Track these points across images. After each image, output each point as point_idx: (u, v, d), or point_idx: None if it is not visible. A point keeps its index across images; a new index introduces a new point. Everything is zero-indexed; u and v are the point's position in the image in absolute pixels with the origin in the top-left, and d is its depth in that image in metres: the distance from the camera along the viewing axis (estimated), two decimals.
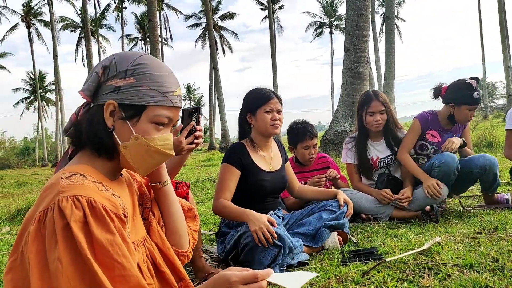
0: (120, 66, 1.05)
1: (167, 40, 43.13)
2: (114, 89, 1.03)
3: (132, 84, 1.04)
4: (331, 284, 1.79)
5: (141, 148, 1.05)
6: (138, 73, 1.05)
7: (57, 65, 30.18)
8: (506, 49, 24.24)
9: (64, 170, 1.01)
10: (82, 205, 0.90)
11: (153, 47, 16.18)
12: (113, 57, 1.07)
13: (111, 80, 1.04)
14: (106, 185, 1.02)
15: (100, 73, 1.04)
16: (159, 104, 1.05)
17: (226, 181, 2.34)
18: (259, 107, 2.40)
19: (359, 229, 2.79)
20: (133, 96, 1.03)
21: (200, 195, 5.41)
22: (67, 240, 0.86)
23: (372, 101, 3.10)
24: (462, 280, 1.66)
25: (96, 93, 1.05)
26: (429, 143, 3.18)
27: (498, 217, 2.74)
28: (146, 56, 1.09)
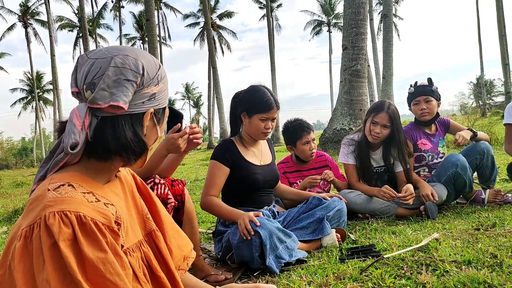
0: (151, 72, 1.04)
1: (166, 39, 43.09)
2: (150, 96, 1.03)
3: (162, 89, 1.07)
4: (329, 282, 1.78)
5: (155, 147, 1.12)
6: (162, 77, 1.07)
7: (55, 64, 30.14)
8: (504, 47, 24.29)
9: (52, 178, 0.96)
10: (70, 221, 0.86)
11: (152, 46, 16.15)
12: (141, 62, 1.01)
13: (146, 88, 1.02)
14: (97, 194, 0.97)
15: (138, 82, 0.99)
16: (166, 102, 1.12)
17: (214, 178, 2.34)
18: (257, 113, 2.37)
19: (358, 226, 2.79)
20: (163, 101, 1.07)
21: (199, 194, 5.40)
22: (55, 260, 0.83)
23: (381, 112, 3.01)
24: (460, 276, 1.65)
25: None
26: (425, 152, 3.23)
27: (496, 213, 2.74)
28: (154, 57, 1.10)
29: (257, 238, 2.03)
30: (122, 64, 0.98)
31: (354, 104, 8.84)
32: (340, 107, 9.07)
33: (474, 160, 3.09)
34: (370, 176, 3.13)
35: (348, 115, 8.88)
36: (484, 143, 3.15)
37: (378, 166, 3.17)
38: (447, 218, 2.80)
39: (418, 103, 3.20)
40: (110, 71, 0.96)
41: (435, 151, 3.23)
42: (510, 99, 22.51)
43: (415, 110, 3.24)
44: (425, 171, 3.25)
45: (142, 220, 1.17)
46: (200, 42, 41.44)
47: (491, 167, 3.12)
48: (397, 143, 3.03)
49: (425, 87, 3.20)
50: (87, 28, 24.55)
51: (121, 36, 38.74)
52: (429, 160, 3.22)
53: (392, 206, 2.96)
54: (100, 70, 0.97)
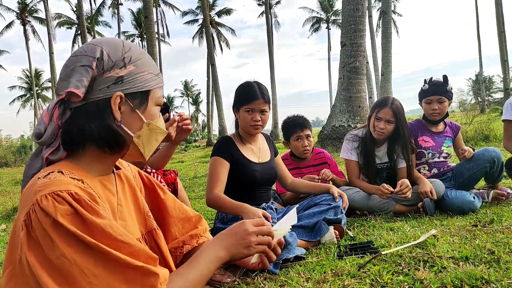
0: (115, 55, 1.00)
1: (164, 36, 43.00)
2: (116, 80, 0.99)
3: (134, 72, 1.02)
4: (327, 278, 1.79)
5: (151, 133, 1.06)
6: (134, 59, 1.03)
7: (53, 62, 30.05)
8: (503, 43, 24.28)
9: (42, 171, 0.97)
10: (64, 199, 0.87)
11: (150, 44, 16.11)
12: (101, 47, 1.00)
13: (109, 71, 0.98)
14: (86, 183, 0.97)
15: (94, 66, 0.97)
16: (157, 86, 1.07)
17: (217, 173, 2.34)
18: (242, 105, 2.40)
19: (356, 223, 2.79)
20: (138, 83, 1.02)
21: (198, 191, 5.40)
22: (62, 235, 0.84)
23: (385, 107, 2.99)
24: (458, 272, 1.65)
25: (89, 88, 0.98)
26: (425, 149, 3.21)
27: (494, 209, 2.74)
28: (128, 42, 1.07)
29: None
30: (79, 52, 1.00)
31: (353, 101, 8.84)
32: (338, 104, 9.07)
33: (483, 168, 3.02)
34: (373, 173, 3.13)
35: (346, 112, 8.88)
36: (494, 150, 3.06)
37: (381, 162, 3.16)
38: (445, 215, 2.80)
39: (430, 102, 3.14)
40: (68, 61, 1.00)
41: (437, 150, 3.21)
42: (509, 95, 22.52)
43: (426, 108, 3.19)
44: (425, 169, 3.24)
45: (143, 219, 1.17)
46: (199, 39, 41.41)
47: (500, 170, 3.07)
48: (401, 138, 3.02)
49: (439, 87, 3.12)
50: (85, 26, 24.47)
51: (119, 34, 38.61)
52: (429, 158, 3.21)
53: (390, 203, 2.96)
54: (65, 63, 1.01)
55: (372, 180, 3.10)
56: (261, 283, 1.85)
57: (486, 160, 3.02)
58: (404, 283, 1.65)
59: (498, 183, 3.19)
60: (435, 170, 3.23)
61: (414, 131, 3.24)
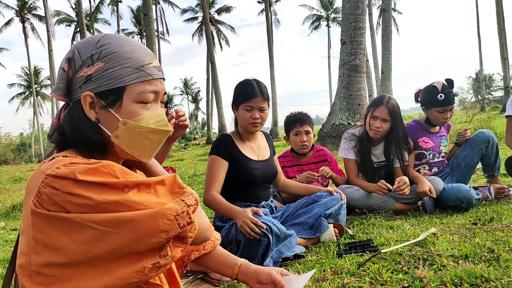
0: (84, 53, 0.96)
1: (164, 34, 42.93)
2: (86, 79, 0.95)
3: (102, 68, 0.95)
4: (327, 276, 1.78)
5: (134, 132, 0.98)
6: (105, 55, 0.96)
7: (53, 59, 29.99)
8: (503, 41, 24.26)
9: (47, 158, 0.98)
10: (78, 163, 0.87)
11: (149, 41, 16.08)
12: (75, 47, 0.99)
13: (79, 71, 0.96)
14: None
15: (66, 68, 0.97)
16: (138, 81, 0.98)
17: (215, 173, 2.34)
18: (241, 103, 2.38)
19: (355, 221, 2.79)
20: (107, 81, 0.95)
21: (197, 189, 5.40)
22: (91, 188, 0.84)
23: (380, 106, 2.98)
24: (457, 270, 1.65)
25: (70, 90, 0.97)
26: (426, 150, 3.21)
27: (494, 208, 2.74)
28: (108, 36, 1.00)
29: (265, 239, 2.03)
30: (66, 54, 1.01)
31: (353, 99, 8.83)
32: (338, 102, 9.06)
33: (479, 151, 3.09)
34: (371, 172, 3.12)
35: (346, 110, 8.87)
36: (488, 131, 3.16)
37: (378, 161, 3.16)
38: (445, 213, 2.80)
39: (444, 111, 3.11)
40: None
41: (437, 150, 3.22)
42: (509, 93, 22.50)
43: (438, 117, 3.13)
44: (425, 169, 3.24)
45: None
46: (198, 37, 41.34)
47: (496, 155, 3.12)
48: (395, 137, 3.02)
49: (452, 95, 3.09)
50: (84, 23, 24.44)
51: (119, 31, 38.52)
52: (430, 159, 3.21)
53: (389, 201, 2.96)
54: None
55: (370, 178, 3.10)
56: None
57: (480, 141, 3.09)
58: (404, 281, 1.65)
59: (497, 177, 3.19)
60: (435, 169, 3.24)
61: (414, 133, 3.23)
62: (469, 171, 3.17)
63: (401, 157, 3.03)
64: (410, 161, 3.12)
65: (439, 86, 3.10)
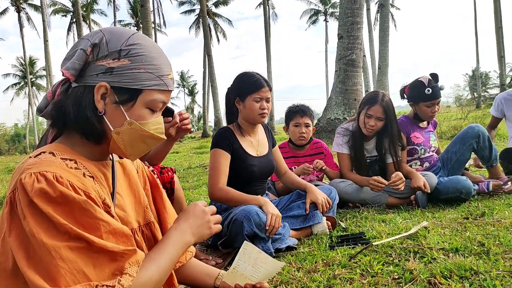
0: (113, 45, 0.97)
1: (161, 26, 42.63)
2: (106, 70, 0.95)
3: (127, 66, 0.96)
4: (318, 268, 1.80)
5: (135, 134, 1.00)
6: (133, 54, 0.97)
7: (48, 50, 29.74)
8: (500, 38, 24.29)
9: (36, 150, 0.97)
10: (46, 179, 0.86)
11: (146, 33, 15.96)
12: (103, 34, 0.98)
13: (102, 60, 0.96)
14: (80, 163, 0.97)
15: (89, 51, 0.96)
16: (155, 88, 1.00)
17: (220, 166, 2.31)
18: (249, 94, 2.35)
19: (348, 214, 2.80)
20: (128, 79, 0.96)
21: (192, 181, 5.40)
22: (34, 215, 0.83)
23: (375, 104, 2.97)
24: (447, 263, 1.67)
25: (82, 72, 0.97)
26: (417, 146, 3.24)
27: (486, 203, 2.76)
28: (139, 35, 1.01)
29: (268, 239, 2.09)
30: (86, 35, 1.01)
31: (349, 94, 8.83)
32: (334, 96, 9.06)
33: (470, 146, 3.12)
34: (363, 166, 3.13)
35: (342, 104, 8.88)
36: (477, 125, 3.18)
37: (370, 156, 3.17)
38: (437, 207, 2.82)
39: (432, 105, 3.13)
40: (76, 42, 1.01)
41: (427, 145, 3.25)
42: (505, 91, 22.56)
43: (426, 111, 3.17)
44: (417, 165, 3.26)
45: (142, 211, 1.17)
46: (195, 30, 41.09)
47: (489, 147, 3.14)
48: (389, 134, 3.02)
49: (438, 89, 3.12)
50: (80, 14, 24.25)
51: (115, 22, 38.29)
52: (421, 154, 3.23)
53: (382, 196, 2.97)
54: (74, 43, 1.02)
55: (363, 173, 3.11)
56: None
57: (470, 136, 3.12)
58: (394, 273, 1.66)
59: (497, 166, 3.22)
60: (427, 164, 3.26)
61: (406, 128, 3.25)
62: (461, 166, 3.20)
63: (395, 153, 3.04)
64: (403, 156, 3.13)
65: (426, 81, 3.14)
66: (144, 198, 1.19)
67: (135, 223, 1.11)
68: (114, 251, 0.87)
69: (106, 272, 0.86)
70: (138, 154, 1.07)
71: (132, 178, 1.17)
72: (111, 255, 0.87)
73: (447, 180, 2.90)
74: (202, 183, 5.15)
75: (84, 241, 0.85)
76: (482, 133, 3.11)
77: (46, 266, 0.82)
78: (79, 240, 0.85)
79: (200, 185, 5.02)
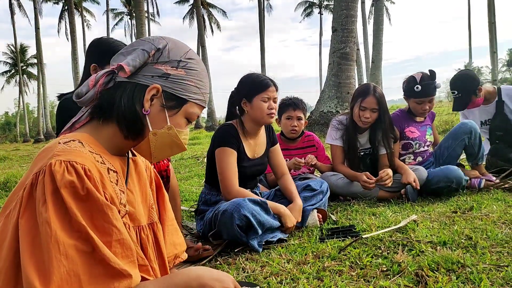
0: (174, 54, 1.05)
1: (154, 16, 42.26)
2: (163, 74, 1.03)
3: (182, 77, 1.05)
4: (308, 260, 1.81)
5: (168, 139, 1.07)
6: (189, 67, 1.06)
7: (39, 37, 29.34)
8: (493, 34, 24.40)
9: (64, 136, 0.99)
10: (76, 171, 0.88)
11: (139, 22, 15.85)
12: (167, 42, 1.07)
13: (161, 64, 1.04)
14: (104, 158, 0.99)
15: (152, 54, 1.04)
16: (197, 102, 1.09)
17: (230, 165, 2.28)
18: (256, 94, 2.33)
19: (339, 207, 2.82)
20: (180, 88, 1.05)
21: (184, 172, 5.40)
22: (57, 204, 0.84)
23: (368, 96, 2.96)
24: (435, 256, 1.69)
25: (137, 70, 1.03)
26: (412, 140, 3.25)
27: (475, 197, 2.79)
28: (194, 52, 1.11)
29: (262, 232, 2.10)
30: (149, 38, 1.07)
31: (342, 87, 8.85)
32: (327, 89, 9.07)
33: (462, 141, 3.14)
34: (356, 161, 3.14)
35: (335, 98, 8.89)
36: (470, 121, 3.20)
37: (364, 148, 3.19)
38: (427, 201, 2.85)
39: (421, 102, 3.14)
40: (135, 42, 1.08)
41: (422, 139, 3.26)
42: None
43: (416, 108, 3.17)
44: (410, 159, 3.28)
45: (147, 210, 1.17)
46: (189, 20, 40.76)
47: (479, 145, 3.17)
48: (382, 125, 3.04)
49: (432, 88, 3.09)
50: (72, 1, 23.90)
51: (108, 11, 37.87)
52: (416, 148, 3.25)
53: (373, 189, 2.99)
54: (132, 43, 1.09)
55: (355, 166, 3.13)
56: (242, 263, 1.86)
57: (463, 132, 3.14)
58: (383, 265, 1.68)
59: (481, 165, 3.25)
60: (419, 159, 3.28)
61: (401, 122, 3.26)
62: (452, 161, 3.22)
63: (388, 145, 3.05)
64: (396, 150, 3.15)
65: (418, 77, 3.11)
66: (150, 197, 1.20)
67: (143, 220, 1.12)
68: (113, 267, 0.87)
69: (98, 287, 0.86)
70: (160, 158, 1.12)
71: (142, 177, 1.19)
72: (109, 270, 0.87)
73: (439, 170, 2.93)
74: (194, 174, 5.15)
75: (91, 246, 0.85)
76: (474, 129, 3.13)
77: (48, 258, 0.81)
78: (87, 243, 0.85)
79: (192, 176, 5.02)
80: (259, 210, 2.12)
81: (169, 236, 1.24)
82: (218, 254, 2.06)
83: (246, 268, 1.80)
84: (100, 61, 2.09)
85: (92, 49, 2.15)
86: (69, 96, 2.12)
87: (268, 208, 2.18)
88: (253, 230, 2.07)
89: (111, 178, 0.98)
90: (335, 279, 1.59)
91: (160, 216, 1.26)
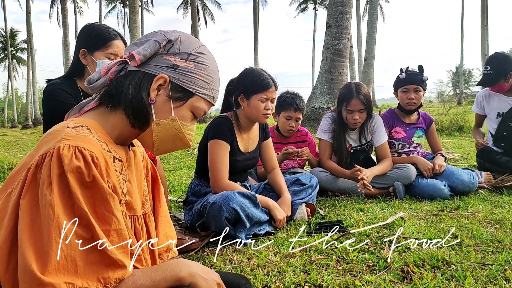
0: (185, 47, 1.06)
1: (148, 5, 41.79)
2: (172, 65, 1.03)
3: (190, 69, 1.05)
4: (295, 253, 1.82)
5: (172, 131, 1.07)
6: (199, 61, 1.06)
7: (30, 22, 28.84)
8: (485, 36, 24.63)
9: (72, 120, 0.99)
10: (84, 157, 0.88)
11: (133, 11, 15.66)
12: (179, 35, 1.08)
13: (171, 56, 1.04)
14: (110, 147, 1.00)
15: (163, 44, 1.04)
16: (205, 97, 1.08)
17: (222, 158, 2.27)
18: (255, 93, 2.31)
19: (328, 202, 2.83)
20: (187, 81, 1.05)
21: (173, 163, 5.38)
22: (62, 188, 0.84)
23: (352, 99, 2.98)
24: (421, 253, 1.71)
25: (148, 60, 1.04)
26: (396, 140, 3.29)
27: (461, 197, 2.83)
28: (207, 48, 1.11)
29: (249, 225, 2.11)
30: (163, 31, 1.08)
31: (334, 83, 8.85)
32: (320, 85, 9.07)
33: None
34: (344, 158, 3.15)
35: (327, 94, 8.90)
36: (470, 180, 2.95)
37: (355, 145, 3.20)
38: (414, 199, 2.87)
39: (407, 91, 3.17)
40: (149, 33, 1.10)
41: (407, 141, 3.28)
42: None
43: (402, 98, 3.22)
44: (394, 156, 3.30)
45: (141, 201, 1.17)
46: (183, 11, 40.41)
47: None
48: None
49: (417, 76, 3.16)
50: None
51: None
52: (398, 148, 3.29)
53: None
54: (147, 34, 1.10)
55: (344, 163, 3.13)
56: (229, 255, 1.86)
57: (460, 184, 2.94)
58: (369, 260, 1.69)
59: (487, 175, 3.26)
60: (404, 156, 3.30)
61: (389, 122, 3.29)
62: None
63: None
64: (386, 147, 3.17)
65: (405, 68, 3.23)
66: (145, 188, 1.20)
67: (139, 210, 1.13)
68: (109, 256, 0.87)
69: (93, 275, 0.85)
70: (162, 151, 1.11)
71: (138, 167, 1.18)
72: (105, 258, 0.87)
73: (425, 185, 2.90)
74: (183, 165, 5.12)
75: (90, 233, 0.85)
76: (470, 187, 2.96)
77: (48, 241, 0.81)
78: (87, 229, 0.85)
79: (181, 167, 5.00)
80: (248, 203, 2.12)
81: (162, 227, 1.24)
82: (206, 245, 2.06)
83: (233, 260, 1.80)
84: (89, 47, 2.06)
85: (82, 34, 2.11)
86: (56, 82, 2.09)
87: (257, 201, 2.18)
88: (241, 223, 2.07)
89: (116, 167, 0.99)
90: (322, 273, 1.60)
91: (155, 208, 1.26)
